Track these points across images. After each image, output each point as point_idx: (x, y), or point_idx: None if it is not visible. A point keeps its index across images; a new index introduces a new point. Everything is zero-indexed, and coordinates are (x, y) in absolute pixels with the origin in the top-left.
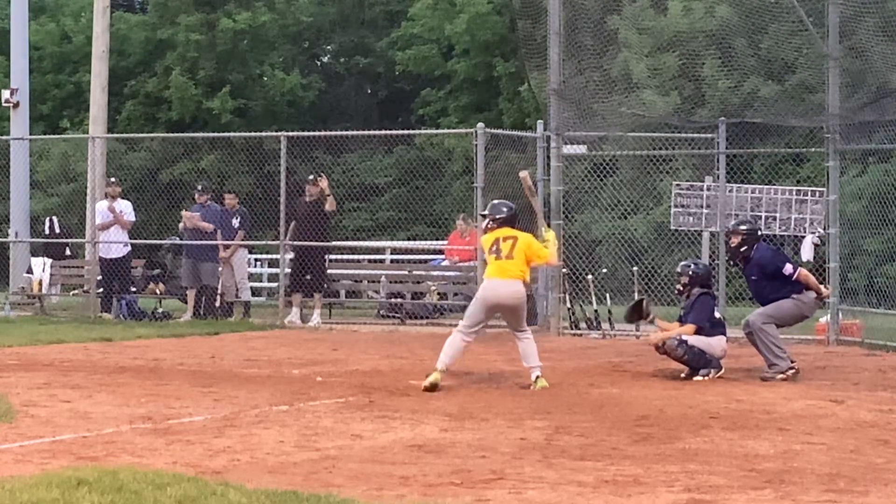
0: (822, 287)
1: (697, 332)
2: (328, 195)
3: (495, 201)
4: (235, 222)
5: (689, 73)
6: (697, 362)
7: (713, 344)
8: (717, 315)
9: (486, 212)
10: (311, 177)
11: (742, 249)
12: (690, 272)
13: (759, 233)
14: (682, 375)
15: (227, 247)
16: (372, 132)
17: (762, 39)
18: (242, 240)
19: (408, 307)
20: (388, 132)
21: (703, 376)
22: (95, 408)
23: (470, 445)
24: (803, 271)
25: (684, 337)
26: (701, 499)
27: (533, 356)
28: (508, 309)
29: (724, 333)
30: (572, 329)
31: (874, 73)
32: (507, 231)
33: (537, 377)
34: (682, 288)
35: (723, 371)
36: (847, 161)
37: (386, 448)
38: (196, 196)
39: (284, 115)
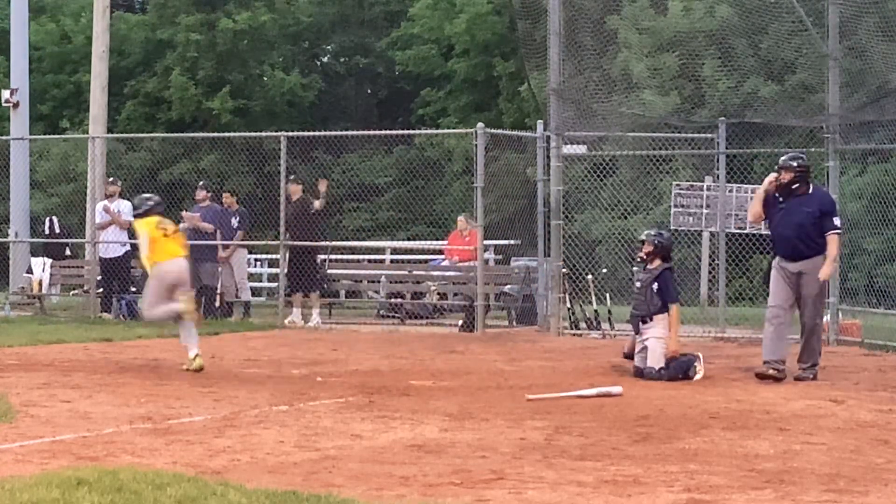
0: (826, 269)
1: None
2: (319, 199)
3: (144, 195)
4: (234, 222)
5: (689, 73)
6: (682, 370)
7: (664, 335)
8: None
9: (144, 207)
10: (291, 177)
11: (794, 187)
12: (656, 242)
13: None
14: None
15: (226, 247)
16: (372, 132)
17: (762, 39)
18: (242, 240)
19: (408, 307)
20: (388, 132)
21: (696, 374)
22: (95, 408)
23: (470, 445)
24: (839, 234)
25: (655, 366)
26: (701, 499)
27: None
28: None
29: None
30: (572, 329)
31: (874, 73)
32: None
33: (197, 355)
34: (644, 257)
35: (700, 358)
36: (847, 161)
37: (386, 448)
38: (196, 193)
39: (284, 115)
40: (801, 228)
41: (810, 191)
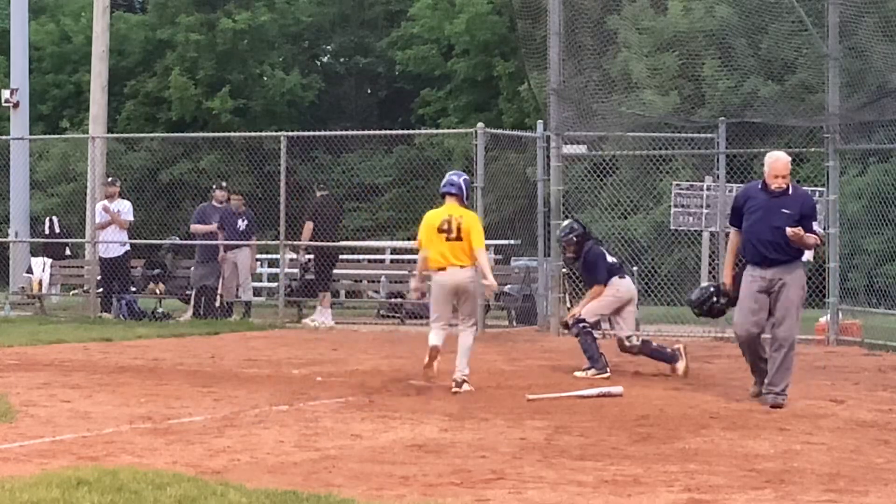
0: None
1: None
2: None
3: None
4: (242, 224)
5: (689, 73)
6: (659, 356)
7: (614, 296)
8: (610, 260)
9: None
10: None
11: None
12: (570, 238)
13: None
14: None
15: (229, 247)
16: (372, 132)
17: (762, 39)
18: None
19: (408, 307)
20: (388, 132)
21: (678, 368)
22: (95, 408)
23: (470, 445)
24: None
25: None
26: (701, 499)
27: None
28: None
29: (623, 275)
30: None
31: (874, 73)
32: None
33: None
34: (572, 256)
35: (682, 353)
36: (847, 161)
37: (386, 448)
38: (216, 193)
39: (284, 115)
40: (780, 232)
41: (790, 191)
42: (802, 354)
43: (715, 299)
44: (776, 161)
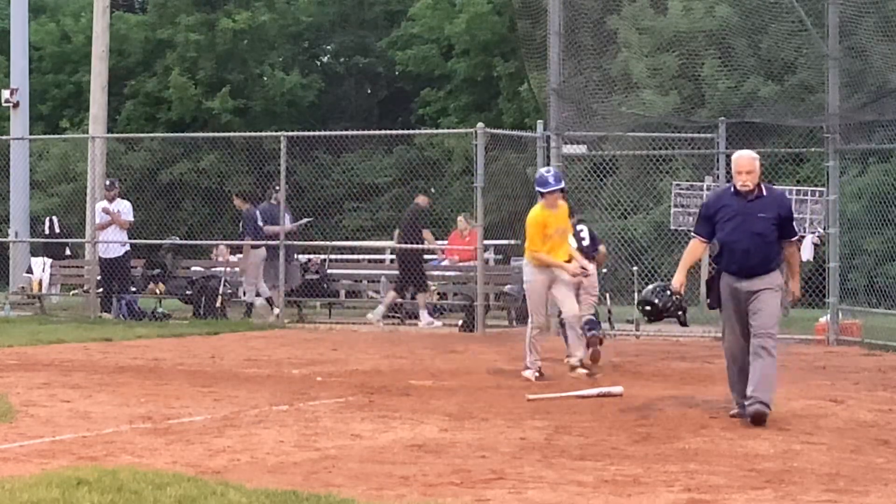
0: (797, 285)
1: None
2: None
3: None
4: (241, 226)
5: (689, 73)
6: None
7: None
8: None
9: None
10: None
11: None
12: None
13: None
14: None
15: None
16: (372, 132)
17: (762, 39)
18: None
19: (408, 307)
20: (388, 132)
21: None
22: (95, 408)
23: (470, 445)
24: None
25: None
26: (701, 499)
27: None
28: None
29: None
30: None
31: (874, 73)
32: None
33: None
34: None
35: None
36: (847, 161)
37: (386, 448)
38: (274, 196)
39: (284, 115)
40: (761, 238)
41: (764, 193)
42: (802, 354)
43: (670, 300)
44: (739, 157)
